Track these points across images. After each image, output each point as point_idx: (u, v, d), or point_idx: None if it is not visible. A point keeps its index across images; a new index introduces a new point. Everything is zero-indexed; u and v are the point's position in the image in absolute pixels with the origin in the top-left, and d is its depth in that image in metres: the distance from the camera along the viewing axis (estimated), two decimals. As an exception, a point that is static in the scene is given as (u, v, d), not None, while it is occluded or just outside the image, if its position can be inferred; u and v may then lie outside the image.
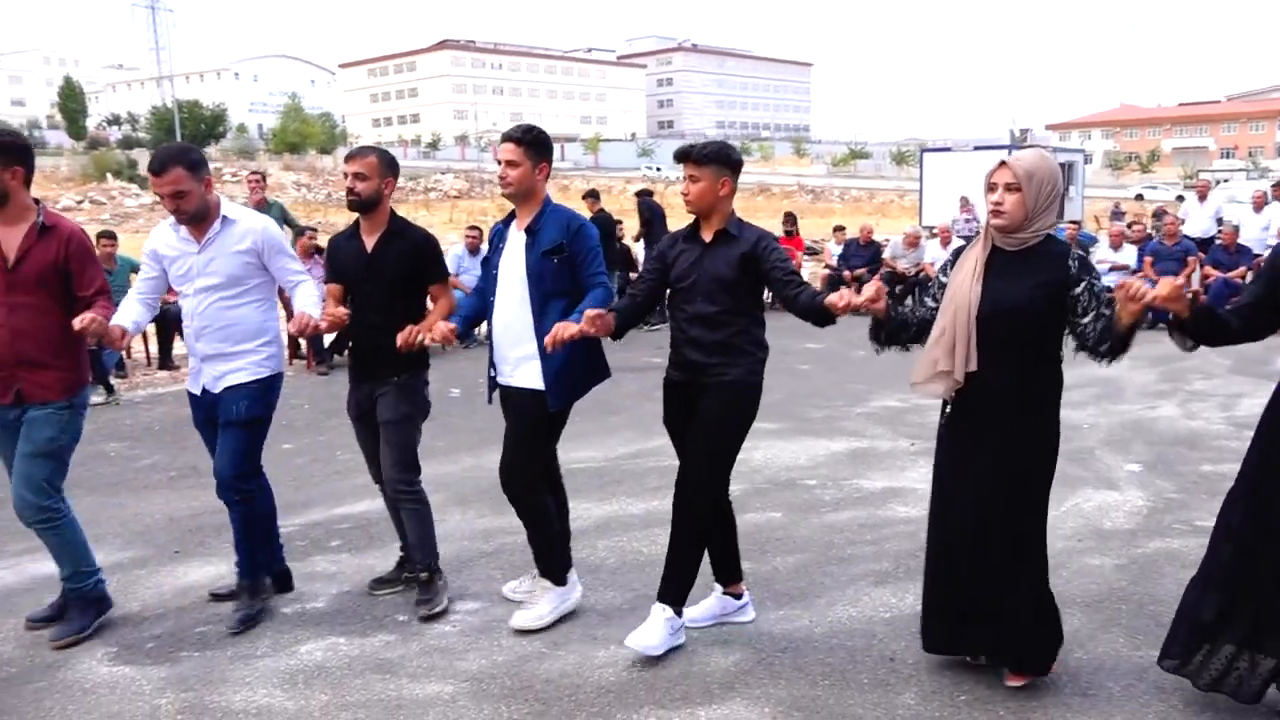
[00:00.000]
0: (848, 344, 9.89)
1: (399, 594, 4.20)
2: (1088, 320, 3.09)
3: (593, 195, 13.03)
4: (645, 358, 8.80)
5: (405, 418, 3.97)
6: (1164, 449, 6.43)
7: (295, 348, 10.17)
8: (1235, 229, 12.49)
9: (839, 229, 16.04)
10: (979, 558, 3.23)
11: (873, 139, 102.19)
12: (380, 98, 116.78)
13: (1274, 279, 2.99)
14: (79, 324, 3.55)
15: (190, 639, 3.83)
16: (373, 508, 5.13)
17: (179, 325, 4.73)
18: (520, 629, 3.83)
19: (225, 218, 3.82)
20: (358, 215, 3.98)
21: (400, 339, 3.74)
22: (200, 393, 3.95)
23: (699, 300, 3.54)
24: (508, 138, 3.76)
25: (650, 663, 3.55)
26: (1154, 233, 14.59)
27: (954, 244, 12.15)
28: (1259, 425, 3.06)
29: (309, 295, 3.88)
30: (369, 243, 3.96)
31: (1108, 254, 12.77)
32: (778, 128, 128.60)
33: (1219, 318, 3.00)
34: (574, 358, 3.75)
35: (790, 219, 16.64)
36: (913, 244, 14.40)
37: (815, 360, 9.89)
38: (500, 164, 3.78)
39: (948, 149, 29.96)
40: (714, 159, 3.53)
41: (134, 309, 3.93)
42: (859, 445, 6.67)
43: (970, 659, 3.44)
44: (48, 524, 3.76)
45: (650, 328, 11.25)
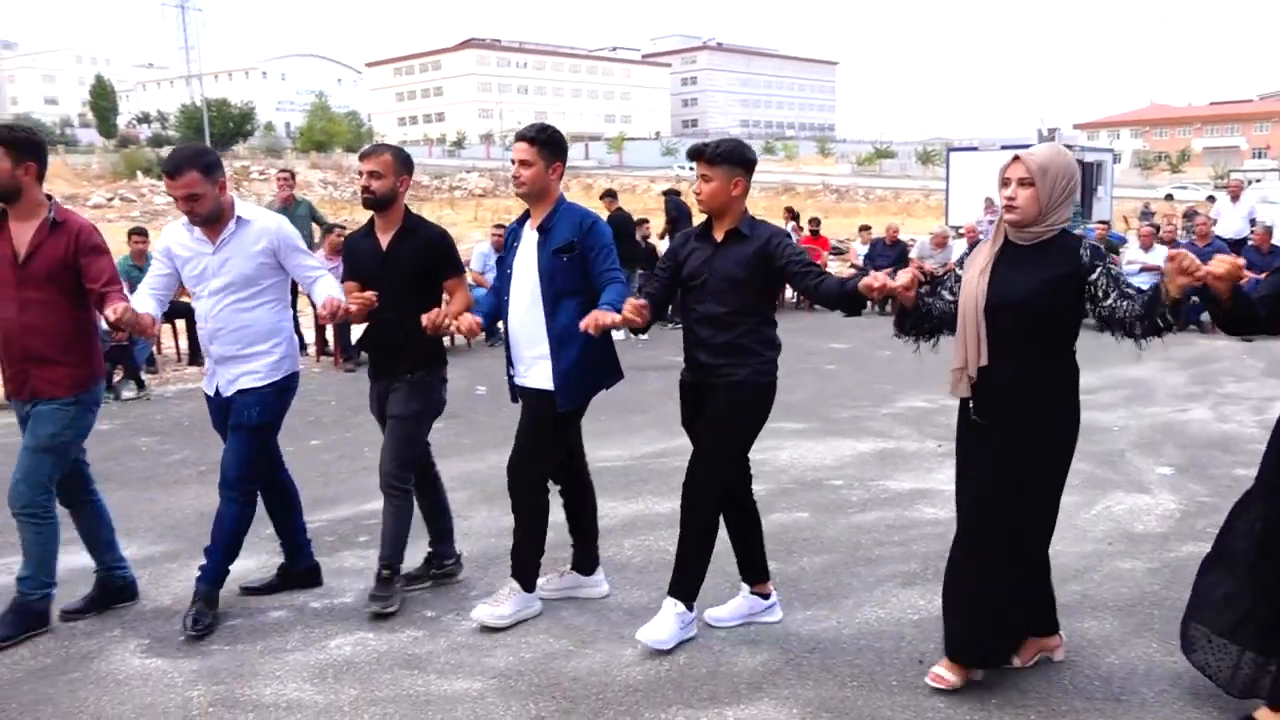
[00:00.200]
0: (873, 344, 9.85)
1: (427, 590, 4.22)
2: (1112, 300, 3.02)
3: (610, 195, 13.07)
4: (669, 356, 8.75)
5: (414, 414, 3.97)
6: (1196, 452, 6.36)
7: (322, 344, 10.25)
8: (1268, 230, 12.31)
9: (865, 228, 16.00)
10: (979, 557, 3.21)
11: (898, 138, 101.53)
12: (406, 96, 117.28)
13: None
14: (113, 315, 3.57)
15: (221, 632, 3.87)
16: (400, 504, 5.15)
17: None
18: (481, 622, 3.82)
19: (240, 218, 3.82)
20: (373, 213, 4.00)
21: (426, 319, 3.73)
22: (214, 394, 3.97)
23: (708, 300, 3.54)
24: (521, 137, 3.76)
25: (677, 662, 3.55)
26: (1184, 233, 14.42)
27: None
28: (1275, 427, 3.03)
29: (330, 286, 3.88)
30: (384, 240, 3.97)
31: (1137, 254, 12.61)
32: (802, 127, 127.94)
33: (1253, 305, 2.95)
34: (585, 358, 3.74)
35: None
36: (940, 244, 14.31)
37: (841, 360, 9.83)
38: (514, 163, 3.79)
39: (974, 148, 29.71)
40: (727, 158, 3.51)
41: (148, 304, 3.89)
42: (886, 446, 6.63)
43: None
44: (33, 519, 3.75)
45: (674, 325, 11.24)
